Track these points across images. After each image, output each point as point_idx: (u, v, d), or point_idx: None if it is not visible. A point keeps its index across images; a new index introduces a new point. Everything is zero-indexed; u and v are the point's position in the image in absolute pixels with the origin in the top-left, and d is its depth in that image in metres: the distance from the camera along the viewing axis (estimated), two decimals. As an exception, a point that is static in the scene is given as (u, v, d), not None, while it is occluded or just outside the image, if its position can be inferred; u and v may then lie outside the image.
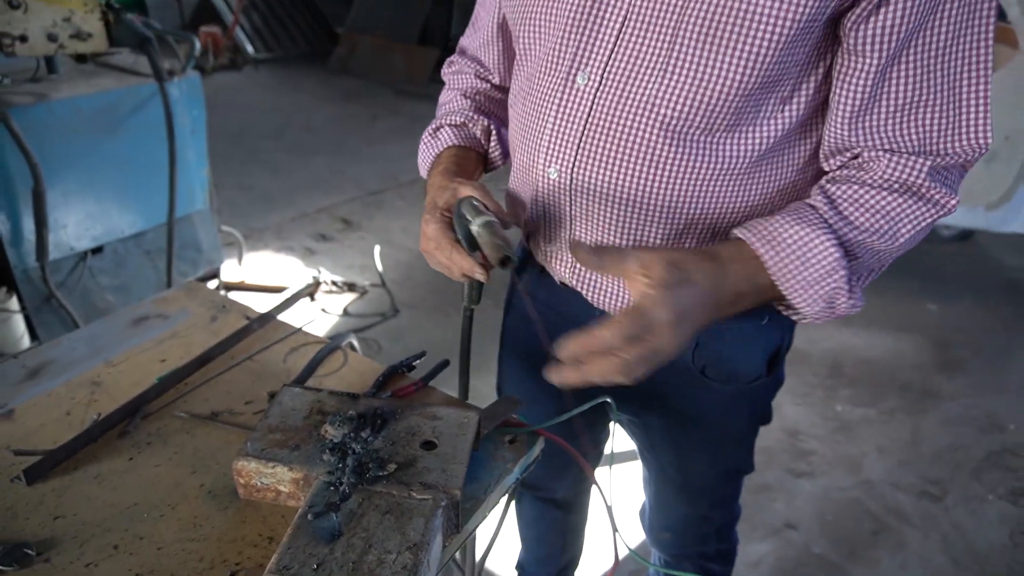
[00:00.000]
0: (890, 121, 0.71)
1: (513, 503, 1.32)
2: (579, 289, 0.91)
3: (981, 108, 0.70)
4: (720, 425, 1.00)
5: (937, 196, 0.72)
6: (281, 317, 1.07)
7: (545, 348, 0.93)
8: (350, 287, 3.03)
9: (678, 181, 0.77)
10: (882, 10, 0.65)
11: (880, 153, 0.73)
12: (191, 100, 2.18)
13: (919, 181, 0.72)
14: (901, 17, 0.65)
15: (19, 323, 1.95)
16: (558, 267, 0.92)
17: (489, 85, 1.04)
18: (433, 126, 1.00)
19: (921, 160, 0.72)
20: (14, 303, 1.93)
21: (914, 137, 0.72)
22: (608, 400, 0.86)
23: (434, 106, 1.10)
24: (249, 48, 6.43)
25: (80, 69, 2.09)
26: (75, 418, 0.83)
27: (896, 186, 0.73)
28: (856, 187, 0.73)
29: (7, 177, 1.82)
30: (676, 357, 0.66)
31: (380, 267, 3.16)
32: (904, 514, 2.04)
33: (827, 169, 0.79)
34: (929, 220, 0.74)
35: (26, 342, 1.97)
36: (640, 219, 0.80)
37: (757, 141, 0.75)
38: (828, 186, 0.75)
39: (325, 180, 4.20)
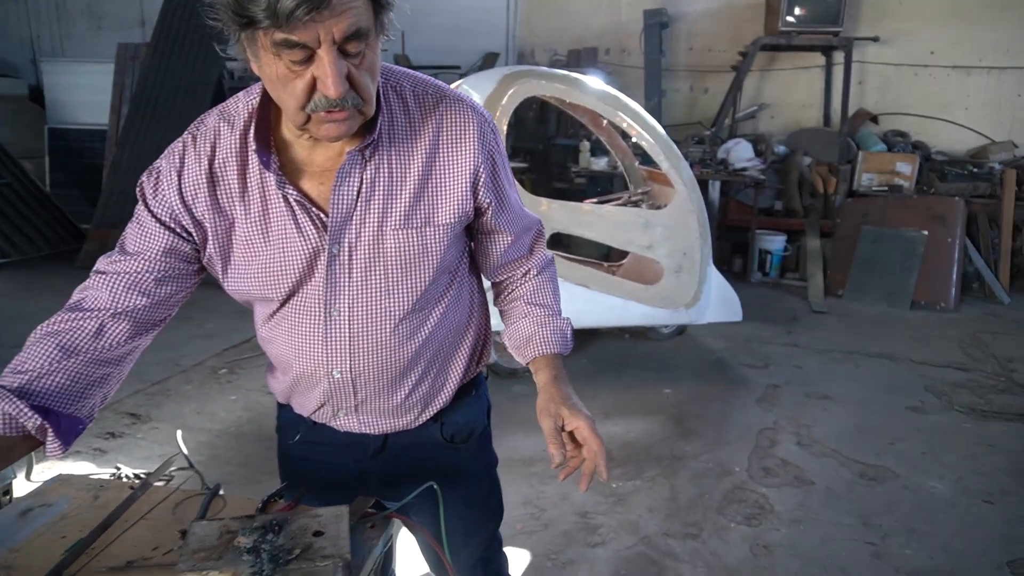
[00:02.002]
0: (520, 247, 1.31)
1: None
2: (364, 431, 1.30)
3: (527, 213, 1.32)
4: (477, 473, 1.44)
5: (552, 258, 1.38)
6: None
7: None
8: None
9: (415, 343, 1.22)
10: (501, 211, 1.23)
11: (524, 260, 1.34)
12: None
13: (546, 260, 1.36)
14: (511, 208, 1.25)
15: None
16: (345, 422, 1.29)
17: (121, 332, 1.19)
18: None
19: (537, 252, 1.35)
20: None
21: (530, 245, 1.34)
22: (434, 484, 1.21)
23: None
24: (-17, 256, 6.03)
25: None
26: (2, 596, 0.99)
27: (543, 269, 1.35)
28: (535, 284, 1.34)
29: None
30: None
31: (185, 450, 3.18)
32: (676, 555, 2.55)
33: (495, 280, 1.36)
34: (555, 270, 1.38)
35: None
36: (400, 373, 1.23)
37: (447, 300, 1.25)
38: (525, 295, 1.33)
39: (100, 379, 4.08)
